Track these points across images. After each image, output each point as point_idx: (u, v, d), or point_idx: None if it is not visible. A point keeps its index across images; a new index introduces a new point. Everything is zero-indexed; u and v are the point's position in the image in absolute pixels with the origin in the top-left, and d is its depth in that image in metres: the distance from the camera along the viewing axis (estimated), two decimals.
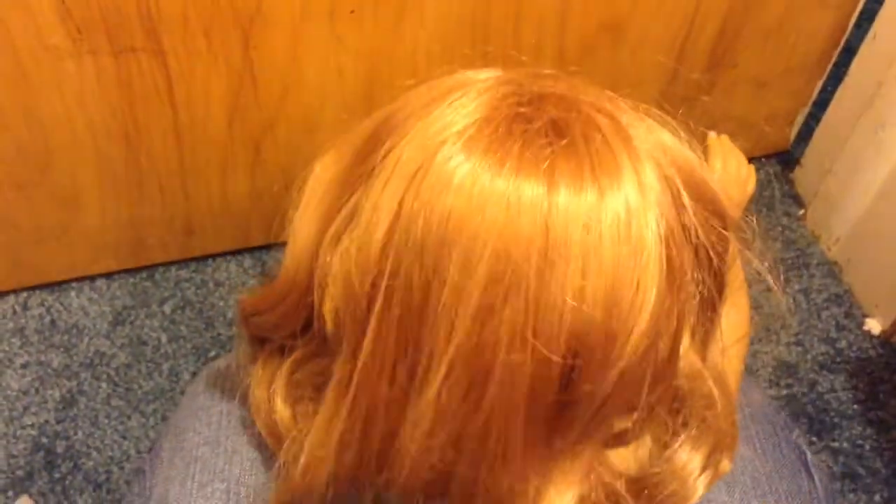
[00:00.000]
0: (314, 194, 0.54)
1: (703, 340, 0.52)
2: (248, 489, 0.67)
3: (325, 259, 0.51)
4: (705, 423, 0.54)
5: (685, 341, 0.51)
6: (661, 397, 0.51)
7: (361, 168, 0.50)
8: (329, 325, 0.51)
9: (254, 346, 0.60)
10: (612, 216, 0.45)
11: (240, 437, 0.70)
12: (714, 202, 0.51)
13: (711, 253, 0.50)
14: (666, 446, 0.53)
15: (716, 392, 0.54)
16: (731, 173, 0.99)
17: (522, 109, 0.48)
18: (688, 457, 0.53)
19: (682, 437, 0.53)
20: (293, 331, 0.56)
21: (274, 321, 0.57)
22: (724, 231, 0.51)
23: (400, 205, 0.47)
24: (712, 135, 1.06)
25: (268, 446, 0.62)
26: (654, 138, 0.50)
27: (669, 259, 0.47)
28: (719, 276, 0.52)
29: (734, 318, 0.77)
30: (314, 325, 0.53)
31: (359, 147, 0.52)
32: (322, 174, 0.55)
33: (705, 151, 1.01)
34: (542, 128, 0.47)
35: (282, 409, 0.57)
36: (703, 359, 0.53)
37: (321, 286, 0.51)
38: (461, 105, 0.49)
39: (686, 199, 0.49)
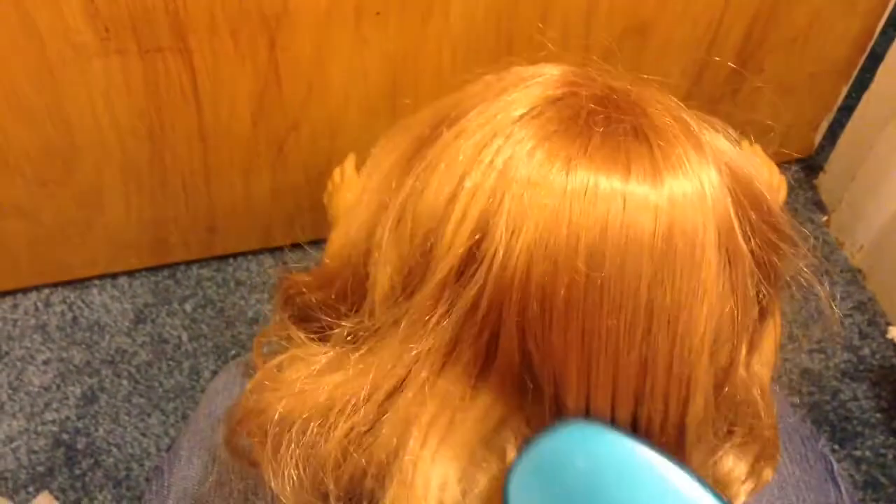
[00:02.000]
0: (371, 179, 0.54)
1: (750, 350, 0.52)
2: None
3: (386, 229, 0.51)
4: (751, 431, 0.54)
5: (742, 349, 0.51)
6: (717, 403, 0.51)
7: (426, 148, 0.50)
8: (381, 294, 0.51)
9: (293, 327, 0.59)
10: (680, 221, 0.46)
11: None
12: (770, 214, 0.51)
13: (768, 264, 0.50)
14: (713, 451, 0.53)
15: (761, 401, 0.54)
16: (762, 182, 0.98)
17: (593, 104, 0.48)
18: (733, 463, 0.53)
19: (729, 443, 0.53)
20: (340, 311, 0.55)
21: (323, 299, 0.57)
22: (779, 243, 0.51)
23: (464, 179, 0.47)
24: (744, 143, 1.06)
25: None
26: (719, 146, 0.50)
27: (731, 266, 0.47)
28: (774, 286, 0.52)
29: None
30: (366, 300, 0.53)
31: (419, 133, 0.52)
32: (379, 160, 0.55)
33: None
34: (615, 121, 0.47)
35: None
36: (748, 367, 0.53)
37: (378, 256, 0.51)
38: (531, 89, 0.49)
39: (747, 209, 0.49)
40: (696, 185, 0.46)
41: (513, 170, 0.46)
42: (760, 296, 0.50)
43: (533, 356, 0.47)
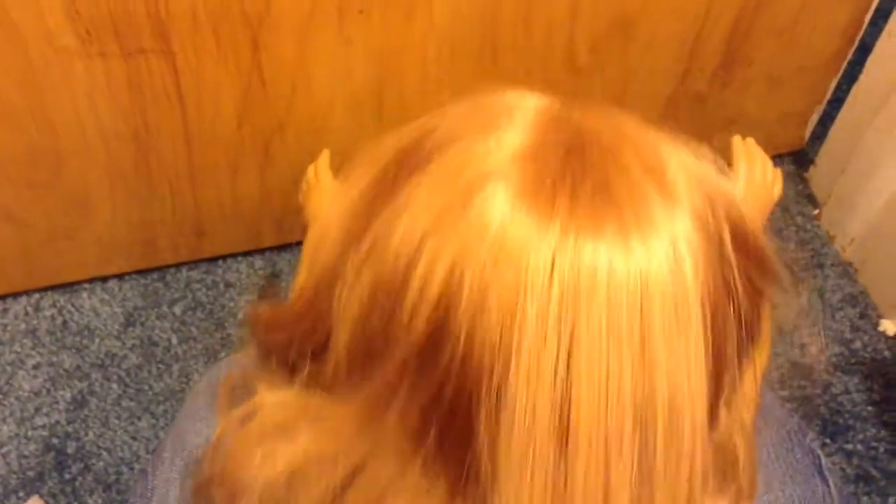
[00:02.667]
0: (340, 206, 0.51)
1: (731, 392, 0.50)
2: None
3: (346, 285, 0.48)
4: (726, 478, 0.52)
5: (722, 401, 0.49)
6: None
7: (391, 189, 0.47)
8: (342, 353, 0.49)
9: (262, 354, 0.58)
10: (658, 287, 0.43)
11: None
12: (758, 251, 0.49)
13: (751, 309, 0.48)
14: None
15: (741, 445, 0.52)
16: (756, 177, 0.97)
17: (563, 159, 0.45)
18: None
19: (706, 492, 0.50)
20: (304, 352, 0.53)
21: (285, 341, 0.54)
22: (762, 287, 0.49)
23: (425, 240, 0.44)
24: (737, 137, 1.04)
25: None
26: (704, 189, 0.47)
27: (713, 326, 0.45)
28: (755, 330, 0.49)
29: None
30: (329, 351, 0.50)
31: (385, 167, 0.49)
32: (347, 189, 0.51)
33: (730, 154, 1.00)
34: (581, 182, 0.44)
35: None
36: (729, 409, 0.51)
37: (339, 313, 0.48)
38: (504, 139, 0.46)
39: (730, 254, 0.46)
40: (667, 250, 0.43)
41: (474, 242, 0.43)
42: (740, 344, 0.48)
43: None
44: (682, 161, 0.47)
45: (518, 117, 0.47)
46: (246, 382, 0.56)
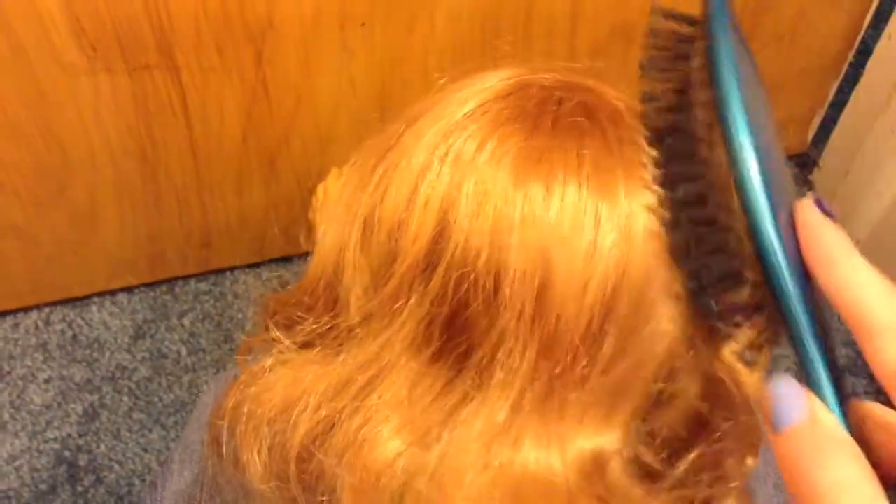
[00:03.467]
0: (340, 195, 0.56)
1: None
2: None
3: (352, 238, 0.52)
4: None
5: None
6: None
7: (386, 156, 0.51)
8: (354, 301, 0.52)
9: (276, 331, 0.59)
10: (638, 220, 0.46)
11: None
12: None
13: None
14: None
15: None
16: None
17: (543, 94, 0.49)
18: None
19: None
20: (316, 322, 0.56)
21: (300, 314, 0.57)
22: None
23: (423, 175, 0.48)
24: None
25: None
26: None
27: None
28: None
29: None
30: (340, 306, 0.54)
31: (380, 145, 0.54)
32: (350, 173, 0.56)
33: None
34: (566, 101, 0.48)
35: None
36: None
37: (348, 264, 0.52)
38: (483, 88, 0.50)
39: None
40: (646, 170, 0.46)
41: (466, 161, 0.47)
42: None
43: (488, 344, 0.48)
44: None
45: (499, 75, 0.52)
46: (263, 347, 0.58)
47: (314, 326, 0.55)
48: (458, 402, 0.49)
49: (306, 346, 0.55)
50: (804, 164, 1.56)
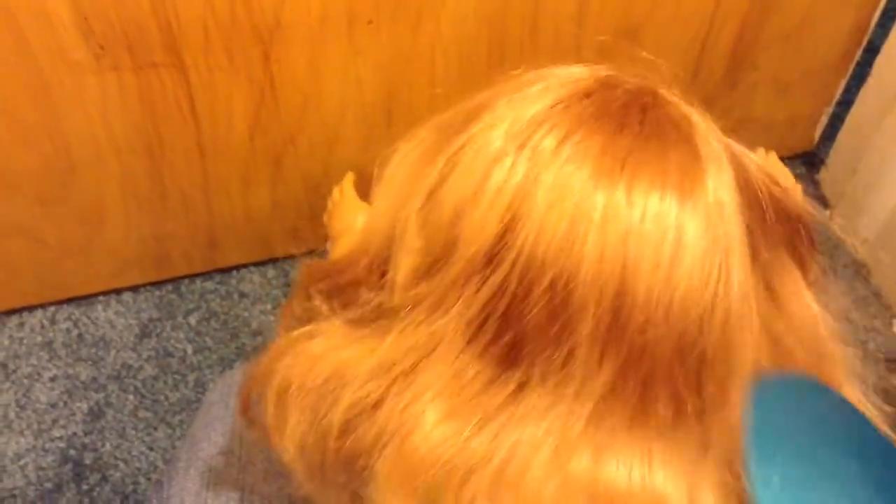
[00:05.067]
0: (399, 170, 0.55)
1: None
2: (262, 498, 0.67)
3: (411, 213, 0.51)
4: None
5: None
6: None
7: (452, 140, 0.50)
8: (402, 276, 0.51)
9: (318, 297, 0.60)
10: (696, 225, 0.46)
11: (253, 446, 0.70)
12: (797, 216, 0.53)
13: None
14: None
15: None
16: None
17: (626, 98, 0.49)
18: None
19: None
20: (358, 295, 0.56)
21: (342, 284, 0.57)
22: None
23: (497, 162, 0.47)
24: (760, 150, 1.06)
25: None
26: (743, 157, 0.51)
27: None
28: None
29: None
30: (386, 282, 0.53)
31: (447, 127, 0.52)
32: (405, 154, 0.55)
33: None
34: (650, 109, 0.48)
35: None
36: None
37: (402, 240, 0.51)
38: (563, 83, 0.49)
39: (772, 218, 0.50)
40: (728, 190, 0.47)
41: (544, 158, 0.46)
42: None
43: (553, 344, 0.47)
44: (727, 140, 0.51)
45: (578, 71, 0.51)
46: (303, 315, 0.58)
47: (358, 302, 0.55)
48: (510, 400, 0.48)
49: (350, 321, 0.55)
50: (811, 163, 1.56)
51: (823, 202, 1.52)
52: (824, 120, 1.52)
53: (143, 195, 1.23)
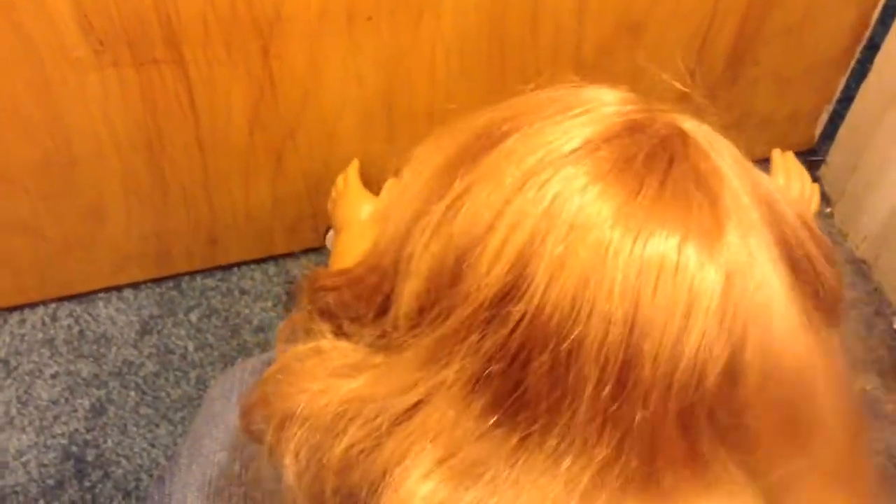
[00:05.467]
0: (414, 181, 0.52)
1: None
2: (265, 493, 0.67)
3: (419, 244, 0.49)
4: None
5: None
6: None
7: (470, 162, 0.48)
8: (405, 309, 0.50)
9: (318, 319, 0.58)
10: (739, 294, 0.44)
11: (253, 459, 0.70)
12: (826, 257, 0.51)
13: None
14: None
15: None
16: (794, 191, 0.98)
17: (653, 144, 0.46)
18: None
19: None
20: (362, 314, 0.55)
21: (346, 300, 0.56)
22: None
23: (508, 205, 0.45)
24: (777, 151, 1.05)
25: None
26: (774, 203, 0.49)
27: None
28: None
29: None
30: (390, 311, 0.52)
31: (466, 142, 0.50)
32: (422, 163, 0.53)
33: (768, 167, 1.00)
34: (676, 163, 0.45)
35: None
36: None
37: (407, 270, 0.50)
38: (589, 120, 0.47)
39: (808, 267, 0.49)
40: (752, 248, 0.45)
41: (559, 208, 0.44)
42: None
43: (555, 407, 0.45)
44: (760, 178, 0.49)
45: (607, 105, 0.48)
46: (305, 329, 0.57)
47: (358, 323, 0.54)
48: (506, 457, 0.47)
49: (345, 337, 0.54)
50: (812, 160, 1.56)
51: (824, 199, 1.52)
52: (825, 117, 1.52)
53: (144, 191, 1.23)
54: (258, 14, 1.04)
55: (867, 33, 1.39)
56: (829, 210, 1.50)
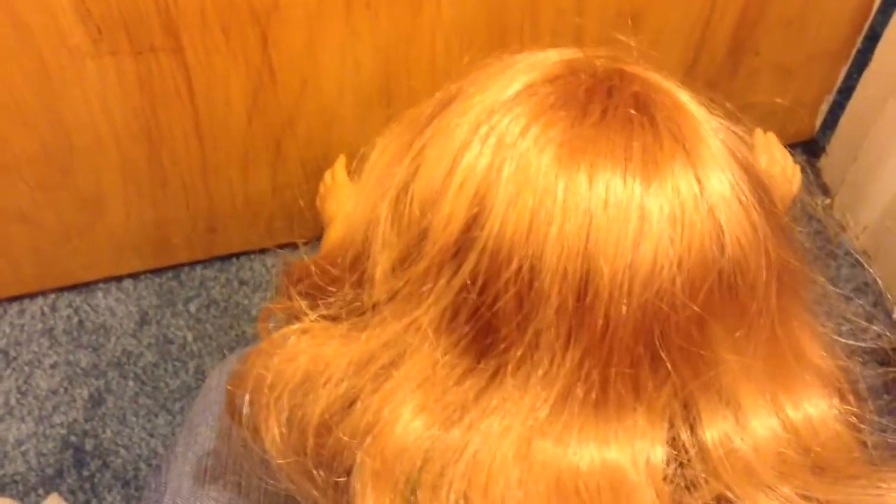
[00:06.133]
0: (375, 165, 0.55)
1: None
2: (260, 481, 0.67)
3: (386, 207, 0.51)
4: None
5: None
6: None
7: (425, 126, 0.51)
8: (380, 272, 0.51)
9: (299, 300, 0.60)
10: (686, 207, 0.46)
11: (241, 443, 0.70)
12: (778, 216, 0.51)
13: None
14: None
15: None
16: (776, 171, 0.98)
17: (593, 81, 0.49)
18: None
19: None
20: (340, 292, 0.56)
21: (325, 281, 0.57)
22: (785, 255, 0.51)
23: (462, 150, 0.47)
24: (759, 131, 1.05)
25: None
26: (733, 147, 0.50)
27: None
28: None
29: None
30: (365, 278, 0.53)
31: (419, 119, 0.53)
32: (382, 149, 0.56)
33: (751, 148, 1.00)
34: (616, 92, 0.48)
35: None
36: None
37: (377, 234, 0.52)
38: (530, 69, 0.49)
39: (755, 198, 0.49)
40: (695, 174, 0.46)
41: (508, 144, 0.46)
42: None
43: (522, 332, 0.47)
44: (710, 118, 0.50)
45: (547, 57, 0.51)
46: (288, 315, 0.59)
47: (339, 300, 0.55)
48: (483, 390, 0.48)
49: (330, 318, 0.55)
50: (812, 150, 1.55)
51: (824, 190, 1.51)
52: (825, 107, 1.52)
53: (143, 180, 1.23)
54: (256, 1, 1.04)
55: (868, 23, 1.38)
56: (828, 201, 1.50)
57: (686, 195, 0.45)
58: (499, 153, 0.46)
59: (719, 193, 0.46)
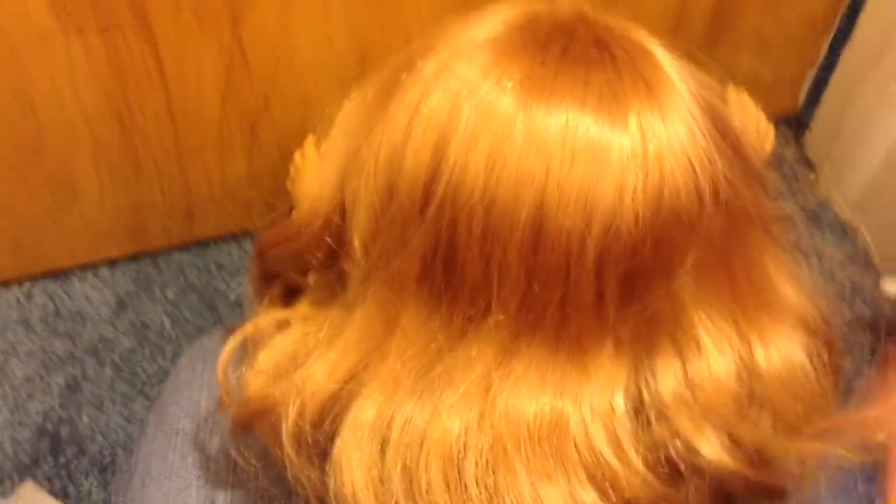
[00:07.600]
0: (341, 128, 0.55)
1: None
2: (229, 459, 0.66)
3: (359, 174, 0.50)
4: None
5: None
6: None
7: (390, 90, 0.50)
8: (359, 243, 0.51)
9: (264, 284, 0.61)
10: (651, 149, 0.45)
11: (221, 409, 0.69)
12: (745, 154, 0.51)
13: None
14: None
15: None
16: (749, 130, 0.97)
17: (555, 27, 0.48)
18: None
19: None
20: (310, 263, 0.56)
21: (294, 250, 0.57)
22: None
23: (422, 102, 0.46)
24: (731, 88, 1.04)
25: None
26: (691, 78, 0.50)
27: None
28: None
29: None
30: (344, 249, 0.53)
31: (383, 79, 0.53)
32: (348, 110, 0.55)
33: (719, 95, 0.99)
34: (577, 38, 0.47)
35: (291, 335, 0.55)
36: None
37: (353, 203, 0.51)
38: (491, 21, 0.49)
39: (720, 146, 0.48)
40: (662, 114, 0.46)
41: (466, 90, 0.46)
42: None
43: (487, 279, 0.47)
44: (674, 60, 0.50)
45: (509, 8, 0.50)
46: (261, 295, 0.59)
47: (318, 276, 0.56)
48: (456, 342, 0.48)
49: (313, 301, 0.56)
50: (796, 125, 1.54)
51: (808, 164, 1.50)
52: (808, 82, 1.51)
53: (116, 164, 1.21)
54: None
55: None
56: (813, 176, 1.49)
57: (646, 129, 0.45)
58: (458, 99, 0.45)
59: (679, 130, 0.46)
